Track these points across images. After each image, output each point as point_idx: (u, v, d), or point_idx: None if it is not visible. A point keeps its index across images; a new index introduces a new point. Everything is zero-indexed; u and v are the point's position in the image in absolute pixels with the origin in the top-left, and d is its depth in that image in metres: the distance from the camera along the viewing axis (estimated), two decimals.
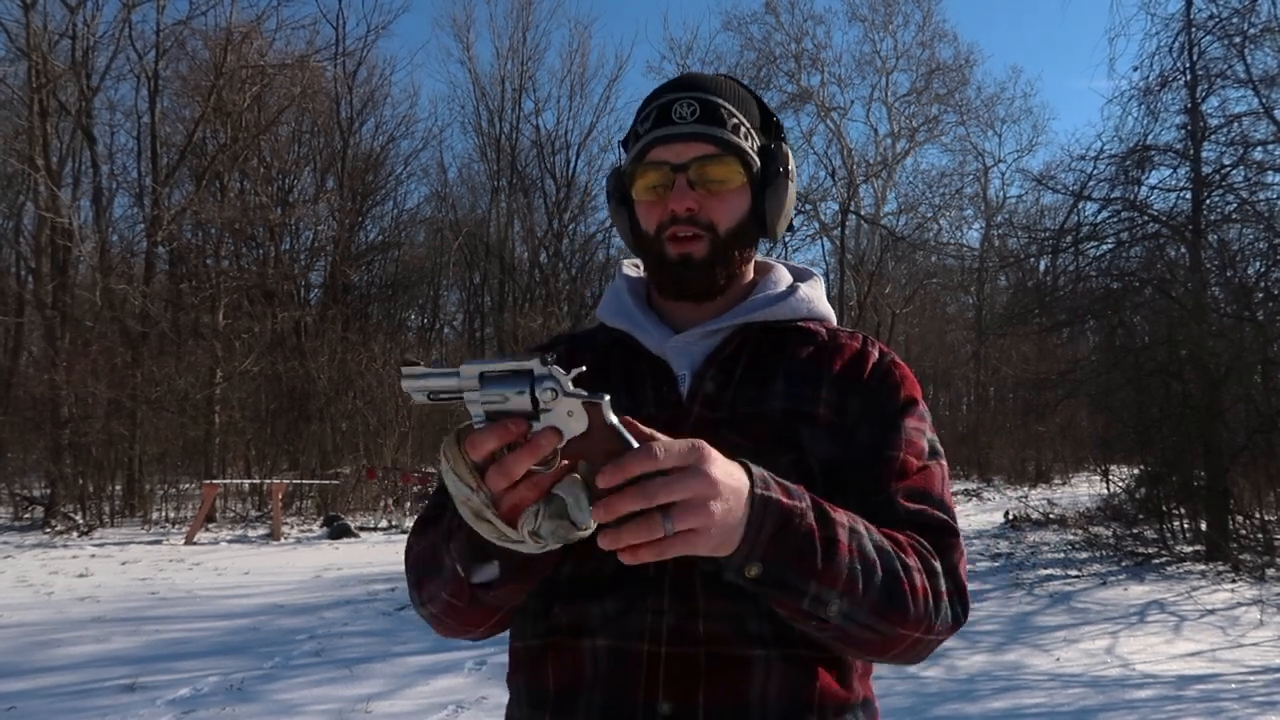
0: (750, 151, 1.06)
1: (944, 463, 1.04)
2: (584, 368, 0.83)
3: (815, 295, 1.12)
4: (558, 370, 0.78)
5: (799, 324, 1.09)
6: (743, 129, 1.06)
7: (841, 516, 0.88)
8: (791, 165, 1.09)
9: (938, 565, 0.94)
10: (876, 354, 1.07)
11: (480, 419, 0.80)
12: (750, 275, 1.12)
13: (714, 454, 0.79)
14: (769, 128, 1.10)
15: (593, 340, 1.14)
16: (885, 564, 0.89)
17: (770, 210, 1.07)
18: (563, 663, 0.98)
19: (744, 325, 1.06)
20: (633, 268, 1.19)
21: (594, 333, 1.15)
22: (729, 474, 0.80)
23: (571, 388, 0.78)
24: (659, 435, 0.79)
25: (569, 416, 0.78)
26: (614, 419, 0.78)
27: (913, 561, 0.92)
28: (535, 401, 0.77)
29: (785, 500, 0.84)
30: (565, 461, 0.80)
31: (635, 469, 0.76)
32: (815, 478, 0.97)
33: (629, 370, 1.07)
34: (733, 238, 1.05)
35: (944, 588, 0.94)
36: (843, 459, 1.00)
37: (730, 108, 1.06)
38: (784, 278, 1.15)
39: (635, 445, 0.78)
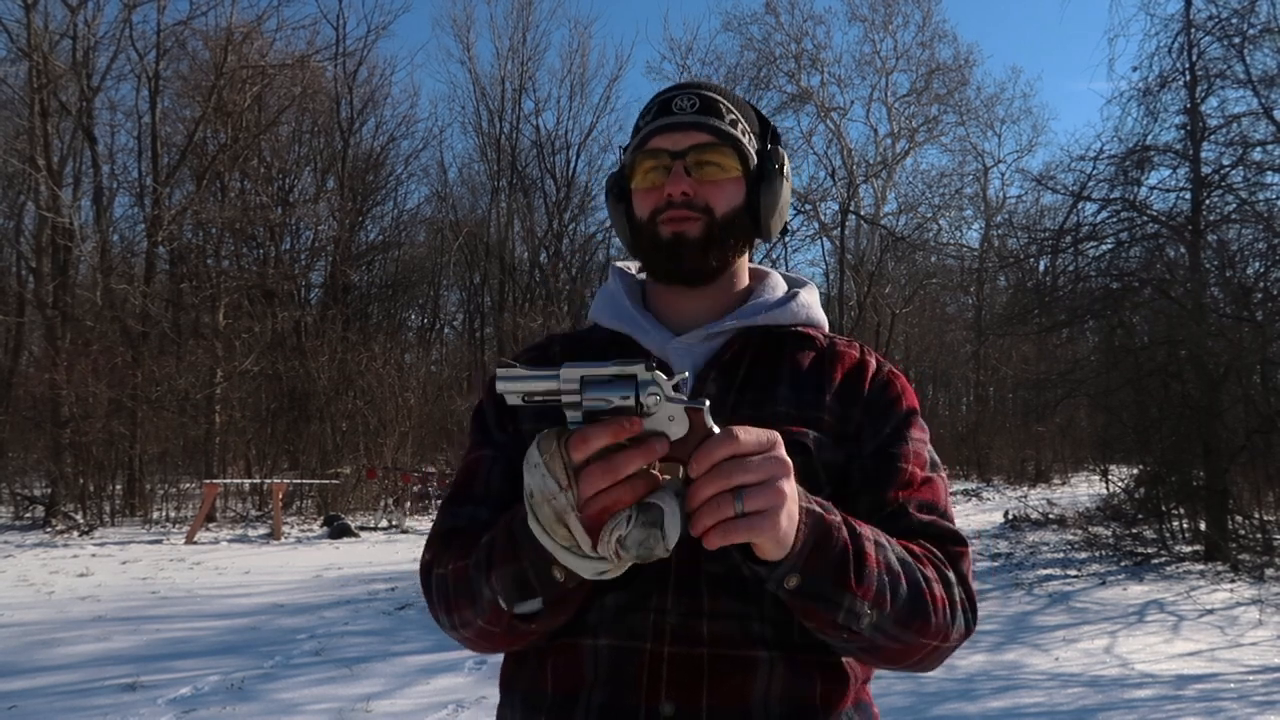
0: (747, 146, 1.07)
1: (944, 474, 1.05)
2: (685, 374, 0.85)
3: (812, 301, 1.13)
4: (660, 376, 0.77)
5: (797, 329, 1.09)
6: (740, 125, 1.08)
7: (867, 530, 0.89)
8: (787, 167, 1.10)
9: (951, 575, 0.96)
10: (875, 364, 1.08)
11: (578, 423, 0.78)
12: (746, 277, 1.13)
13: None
14: (766, 134, 1.12)
15: (589, 341, 1.13)
16: (908, 576, 0.90)
17: (764, 205, 1.08)
18: (562, 664, 0.96)
19: (745, 329, 1.07)
20: (626, 266, 1.19)
21: (589, 333, 1.15)
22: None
23: (673, 393, 0.78)
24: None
25: (670, 422, 0.77)
26: (714, 425, 0.78)
27: (931, 573, 0.93)
28: (640, 405, 0.76)
29: (825, 514, 0.85)
30: (661, 473, 0.78)
31: (721, 452, 0.75)
32: (822, 483, 0.97)
33: None
34: (728, 224, 1.05)
35: (958, 597, 0.95)
36: (846, 467, 1.00)
37: (729, 105, 1.08)
38: (780, 284, 1.15)
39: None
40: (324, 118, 21.98)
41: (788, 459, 0.78)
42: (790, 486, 0.78)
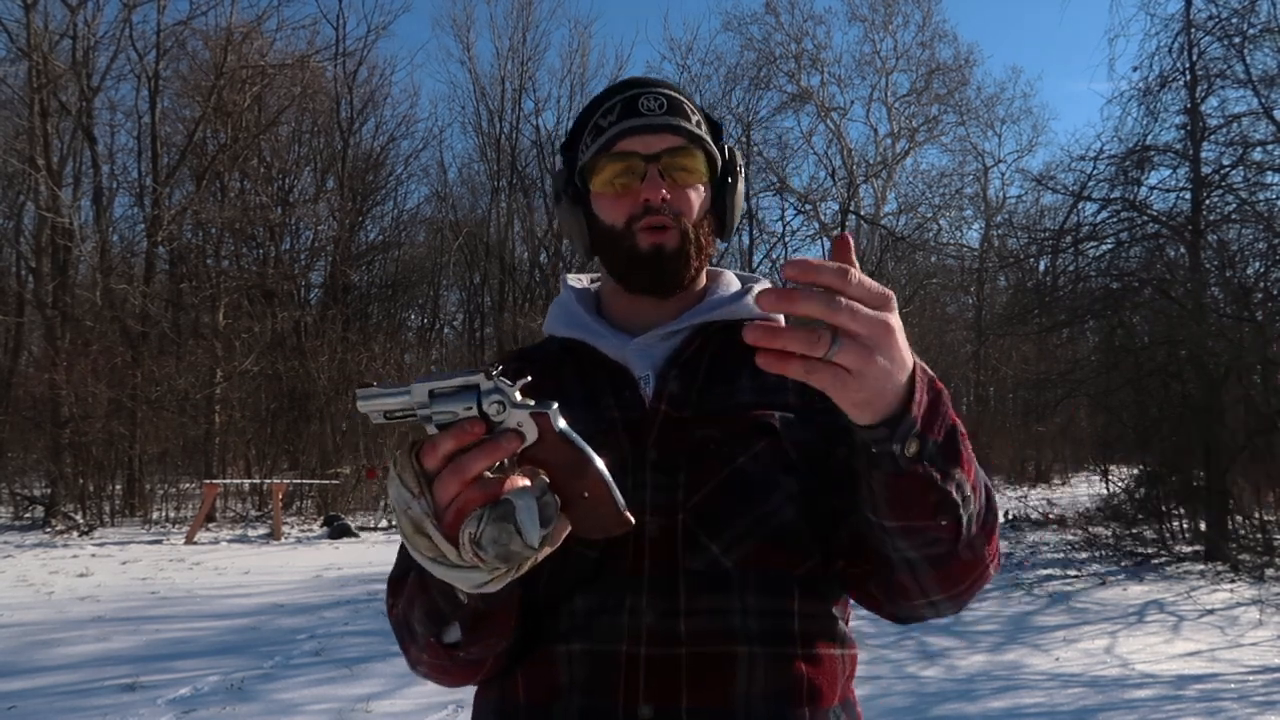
0: (712, 147, 1.07)
1: None
2: (529, 378, 0.80)
3: None
4: (503, 382, 0.76)
5: (753, 321, 1.08)
6: (704, 126, 1.07)
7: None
8: (742, 167, 1.10)
9: None
10: None
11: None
12: (704, 279, 1.13)
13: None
14: (716, 132, 1.11)
15: (544, 353, 1.12)
16: (982, 471, 0.83)
17: (729, 207, 1.08)
18: (535, 672, 0.94)
19: (702, 325, 1.06)
20: (577, 280, 1.18)
21: (544, 345, 1.13)
22: (905, 341, 0.71)
23: (519, 398, 0.76)
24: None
25: (518, 428, 0.76)
26: (564, 425, 0.76)
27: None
28: (484, 416, 0.76)
29: (933, 377, 0.77)
30: (523, 472, 0.77)
31: (827, 277, 0.65)
32: (793, 463, 0.96)
33: (586, 377, 1.05)
34: (698, 229, 1.05)
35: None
36: (823, 443, 0.97)
37: (691, 105, 1.07)
38: (734, 281, 1.15)
39: (589, 451, 0.75)
40: (324, 118, 21.98)
41: (895, 324, 0.68)
42: (883, 361, 0.68)
